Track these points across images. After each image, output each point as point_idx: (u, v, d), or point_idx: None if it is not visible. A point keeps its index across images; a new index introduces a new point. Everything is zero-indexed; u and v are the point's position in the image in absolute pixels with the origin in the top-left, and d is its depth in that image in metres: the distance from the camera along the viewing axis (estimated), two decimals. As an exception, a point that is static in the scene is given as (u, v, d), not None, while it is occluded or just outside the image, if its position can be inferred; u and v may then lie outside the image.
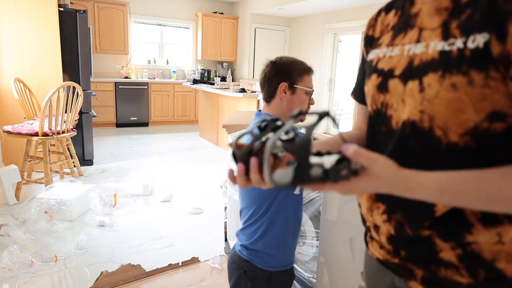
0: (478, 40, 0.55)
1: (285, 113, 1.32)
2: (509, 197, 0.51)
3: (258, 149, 0.57)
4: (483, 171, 0.54)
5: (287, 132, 0.58)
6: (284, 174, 0.52)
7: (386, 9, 0.77)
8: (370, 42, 0.80)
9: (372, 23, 0.80)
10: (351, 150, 0.52)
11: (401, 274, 0.72)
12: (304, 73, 1.32)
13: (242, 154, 0.58)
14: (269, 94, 1.33)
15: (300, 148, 0.51)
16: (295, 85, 1.30)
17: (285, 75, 1.30)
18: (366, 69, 0.80)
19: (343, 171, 0.52)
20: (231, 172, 0.61)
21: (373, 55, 0.76)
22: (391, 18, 0.74)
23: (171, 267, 2.31)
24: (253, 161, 0.57)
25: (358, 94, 0.86)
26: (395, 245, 0.71)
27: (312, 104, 1.39)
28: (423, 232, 0.65)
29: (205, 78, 7.72)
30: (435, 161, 0.62)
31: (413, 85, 0.63)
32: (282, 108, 1.32)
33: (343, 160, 0.53)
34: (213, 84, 6.83)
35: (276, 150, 0.57)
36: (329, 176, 0.52)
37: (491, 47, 0.54)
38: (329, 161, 0.52)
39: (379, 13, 0.80)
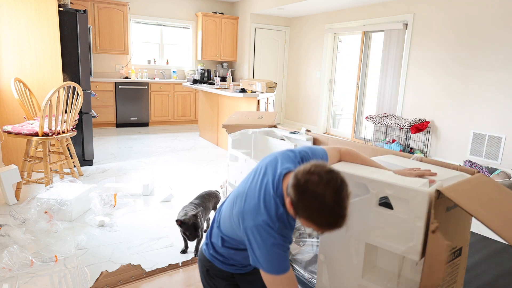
0: None
1: None
2: None
3: None
4: None
5: None
6: None
7: None
8: None
9: None
10: None
11: None
12: (319, 228, 1.04)
13: None
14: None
15: None
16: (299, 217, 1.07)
17: (296, 203, 1.04)
18: None
19: None
20: None
21: None
22: None
23: (171, 267, 2.31)
24: None
25: None
26: None
27: None
28: None
29: (205, 78, 7.72)
30: None
31: None
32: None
33: None
34: (213, 84, 6.83)
35: None
36: None
37: None
38: None
39: None
